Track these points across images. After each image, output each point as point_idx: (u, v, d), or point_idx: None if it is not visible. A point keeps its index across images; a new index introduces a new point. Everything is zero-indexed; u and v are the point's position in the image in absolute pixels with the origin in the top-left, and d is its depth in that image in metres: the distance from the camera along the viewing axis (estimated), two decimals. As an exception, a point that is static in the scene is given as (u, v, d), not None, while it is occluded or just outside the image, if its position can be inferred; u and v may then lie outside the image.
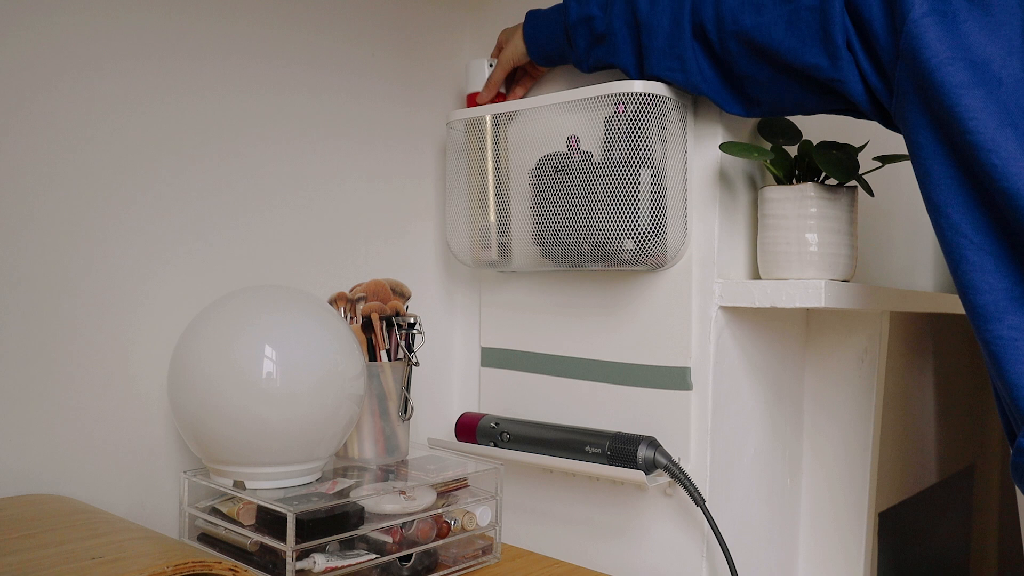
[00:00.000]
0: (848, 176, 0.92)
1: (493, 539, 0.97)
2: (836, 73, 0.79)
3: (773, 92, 0.86)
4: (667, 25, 0.89)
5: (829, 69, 0.79)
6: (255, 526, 0.83)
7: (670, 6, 0.89)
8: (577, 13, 0.96)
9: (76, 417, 0.88)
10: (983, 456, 1.75)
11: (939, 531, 1.60)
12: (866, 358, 1.05)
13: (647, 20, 0.89)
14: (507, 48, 1.07)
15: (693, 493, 0.92)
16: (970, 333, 1.56)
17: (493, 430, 1.06)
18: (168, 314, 0.94)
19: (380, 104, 1.15)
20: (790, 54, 0.81)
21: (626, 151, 0.92)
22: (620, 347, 1.01)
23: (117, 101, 0.90)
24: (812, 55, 0.80)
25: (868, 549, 1.05)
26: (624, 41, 0.93)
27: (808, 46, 0.80)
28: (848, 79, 0.78)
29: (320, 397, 0.85)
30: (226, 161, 0.99)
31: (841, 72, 0.79)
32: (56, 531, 0.71)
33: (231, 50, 0.99)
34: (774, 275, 0.95)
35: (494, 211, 1.06)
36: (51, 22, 0.85)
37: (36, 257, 0.85)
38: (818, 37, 0.79)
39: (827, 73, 0.79)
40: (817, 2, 0.79)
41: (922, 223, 1.62)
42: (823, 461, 1.09)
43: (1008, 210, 0.65)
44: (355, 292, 1.01)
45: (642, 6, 0.90)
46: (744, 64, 0.85)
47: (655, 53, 0.90)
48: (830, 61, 0.79)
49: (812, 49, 0.80)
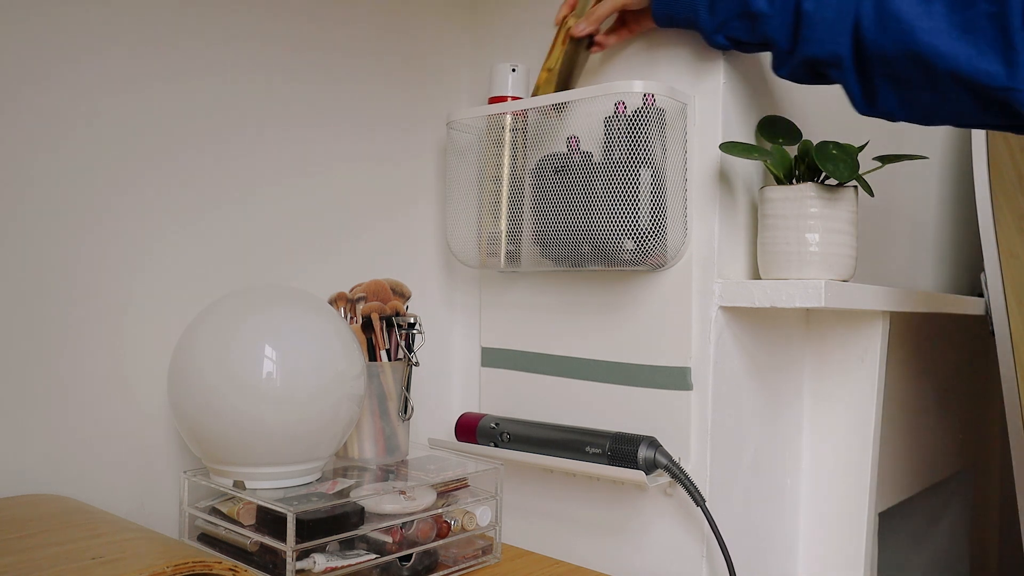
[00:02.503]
0: (848, 176, 0.92)
1: (493, 539, 0.97)
2: (1012, 81, 0.75)
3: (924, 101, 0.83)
4: (830, 19, 0.85)
5: (1005, 77, 0.76)
6: (255, 526, 0.83)
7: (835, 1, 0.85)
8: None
9: (76, 417, 0.88)
10: (983, 456, 1.76)
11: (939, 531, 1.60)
12: (866, 358, 1.05)
13: (811, 11, 0.86)
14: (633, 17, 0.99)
15: (693, 493, 0.92)
16: (970, 333, 1.57)
17: (493, 430, 1.06)
18: (168, 313, 0.94)
19: (381, 104, 1.15)
20: (963, 60, 0.77)
21: (626, 151, 0.92)
22: (620, 347, 1.01)
23: (109, 92, 0.89)
24: (987, 62, 0.76)
25: (868, 549, 1.05)
26: (783, 25, 0.88)
27: (984, 54, 0.76)
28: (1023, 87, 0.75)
29: (320, 397, 0.85)
30: (227, 160, 0.99)
31: (1017, 80, 0.75)
32: (56, 531, 0.71)
33: (226, 39, 0.99)
34: (774, 275, 0.95)
35: (499, 213, 1.06)
36: (40, 12, 0.85)
37: (35, 256, 0.85)
38: (997, 43, 0.76)
39: (1001, 82, 0.76)
40: (996, 8, 0.76)
41: (922, 223, 1.62)
42: (823, 461, 1.09)
43: None
44: (355, 292, 1.01)
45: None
46: (900, 67, 0.82)
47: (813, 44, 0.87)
48: (1007, 69, 0.75)
49: (988, 56, 0.76)
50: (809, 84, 0.93)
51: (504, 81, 1.09)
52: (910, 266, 1.56)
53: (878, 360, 1.04)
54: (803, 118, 1.07)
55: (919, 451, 1.37)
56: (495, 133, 1.06)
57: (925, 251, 1.62)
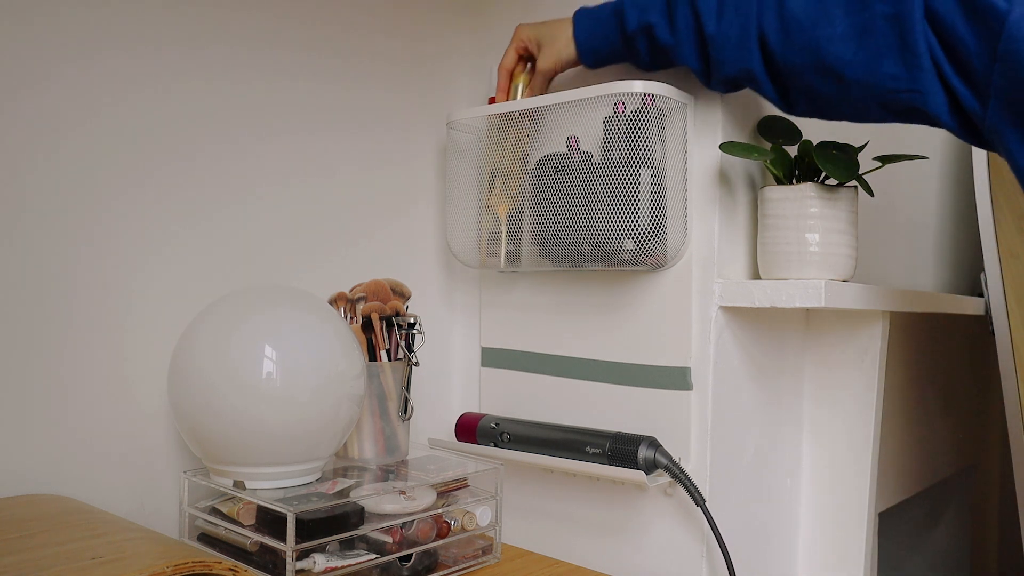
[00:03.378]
0: (848, 176, 0.92)
1: (493, 539, 0.97)
2: (914, 83, 0.75)
3: (836, 104, 0.83)
4: (735, 39, 0.86)
5: (906, 80, 0.75)
6: (255, 526, 0.83)
7: (737, 19, 0.85)
8: (637, 21, 0.92)
9: (76, 417, 0.87)
10: (983, 456, 1.76)
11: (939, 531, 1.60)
12: (866, 358, 1.05)
13: (714, 34, 0.87)
14: (549, 51, 1.01)
15: (693, 493, 0.92)
16: (970, 333, 1.57)
17: (493, 430, 1.06)
18: (168, 312, 0.93)
19: (381, 105, 1.15)
20: (863, 66, 0.77)
21: (626, 151, 0.92)
22: (620, 347, 1.01)
23: (111, 93, 0.90)
24: (888, 65, 0.76)
25: (868, 549, 1.05)
26: (691, 51, 0.90)
27: (884, 56, 0.76)
28: (928, 90, 0.75)
29: (320, 397, 0.85)
30: (227, 161, 0.99)
31: (920, 83, 0.75)
32: (56, 531, 0.71)
33: (225, 40, 0.99)
34: (774, 275, 0.95)
35: (501, 213, 1.06)
36: (40, 13, 0.85)
37: (36, 256, 0.85)
38: (895, 47, 0.75)
39: (904, 84, 0.76)
40: (892, 9, 0.75)
41: (922, 223, 1.62)
42: (823, 461, 1.09)
43: None
44: (355, 292, 1.01)
45: (708, 21, 0.87)
46: (810, 77, 0.82)
47: (725, 64, 0.87)
48: (908, 71, 0.75)
49: (888, 59, 0.76)
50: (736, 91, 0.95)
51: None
52: (910, 266, 1.56)
53: (878, 360, 1.04)
54: (803, 118, 1.07)
55: (919, 451, 1.37)
56: (495, 133, 1.06)
57: (925, 251, 1.62)
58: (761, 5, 0.84)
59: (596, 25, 0.97)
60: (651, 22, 0.91)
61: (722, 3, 0.86)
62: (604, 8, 0.97)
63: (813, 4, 0.80)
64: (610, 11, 0.96)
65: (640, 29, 0.92)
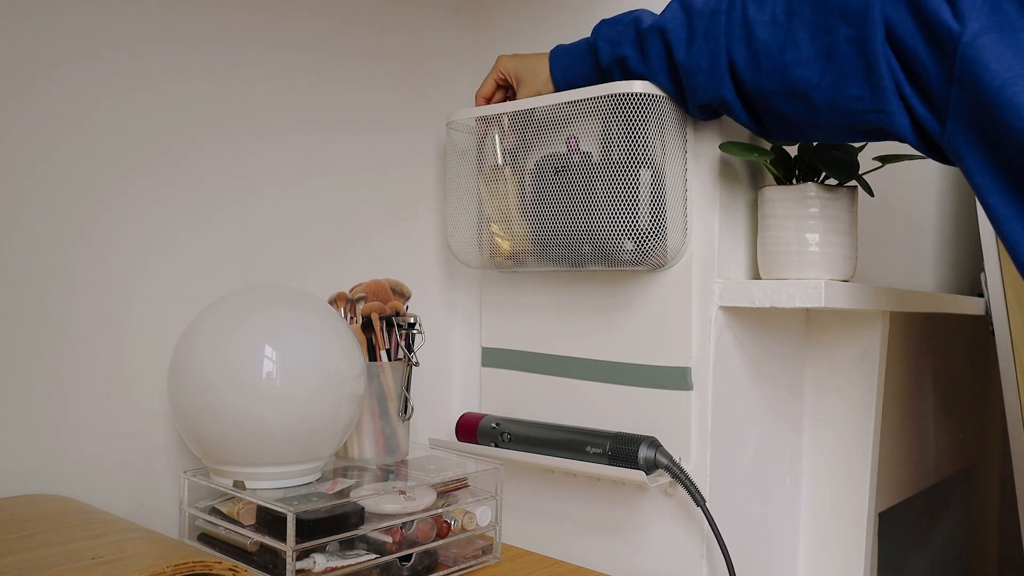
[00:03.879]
0: (848, 176, 0.92)
1: (493, 539, 0.97)
2: (879, 104, 0.76)
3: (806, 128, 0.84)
4: (706, 68, 0.86)
5: (871, 100, 0.76)
6: (255, 526, 0.83)
7: (706, 47, 0.86)
8: (610, 55, 0.94)
9: (76, 417, 0.87)
10: (983, 456, 1.76)
11: (939, 531, 1.60)
12: (866, 358, 1.05)
13: (685, 63, 0.88)
14: (528, 87, 1.03)
15: (693, 493, 0.92)
16: (970, 333, 1.57)
17: (494, 430, 1.06)
18: (168, 312, 0.93)
19: (382, 105, 1.15)
20: (829, 89, 0.78)
21: (625, 151, 0.92)
22: (620, 347, 1.01)
23: (111, 93, 0.90)
24: (853, 87, 0.77)
25: (868, 549, 1.05)
26: (665, 81, 0.91)
27: (849, 79, 0.77)
28: (892, 110, 0.75)
29: (320, 397, 0.85)
30: (227, 161, 0.99)
31: (884, 103, 0.75)
32: (56, 531, 0.71)
33: (226, 41, 0.99)
34: (774, 275, 0.95)
35: (501, 213, 1.06)
36: (43, 12, 0.85)
37: (36, 256, 0.85)
38: (859, 68, 0.76)
39: (869, 104, 0.77)
40: (856, 33, 0.76)
41: (922, 223, 1.62)
42: (823, 461, 1.09)
43: None
44: (355, 292, 1.01)
45: (678, 50, 0.88)
46: (780, 102, 0.83)
47: (698, 92, 0.88)
48: (872, 92, 0.76)
49: (853, 82, 0.77)
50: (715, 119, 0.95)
51: (504, 81, 1.08)
52: (910, 266, 1.56)
53: (878, 360, 1.04)
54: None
55: (919, 451, 1.37)
56: (495, 133, 1.06)
57: (925, 251, 1.62)
58: (729, 34, 0.85)
59: (572, 61, 0.99)
60: (624, 55, 0.92)
61: (691, 32, 0.87)
62: (579, 45, 0.98)
63: (780, 30, 0.81)
64: (584, 47, 0.97)
65: (614, 62, 0.94)
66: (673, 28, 0.88)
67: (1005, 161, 0.68)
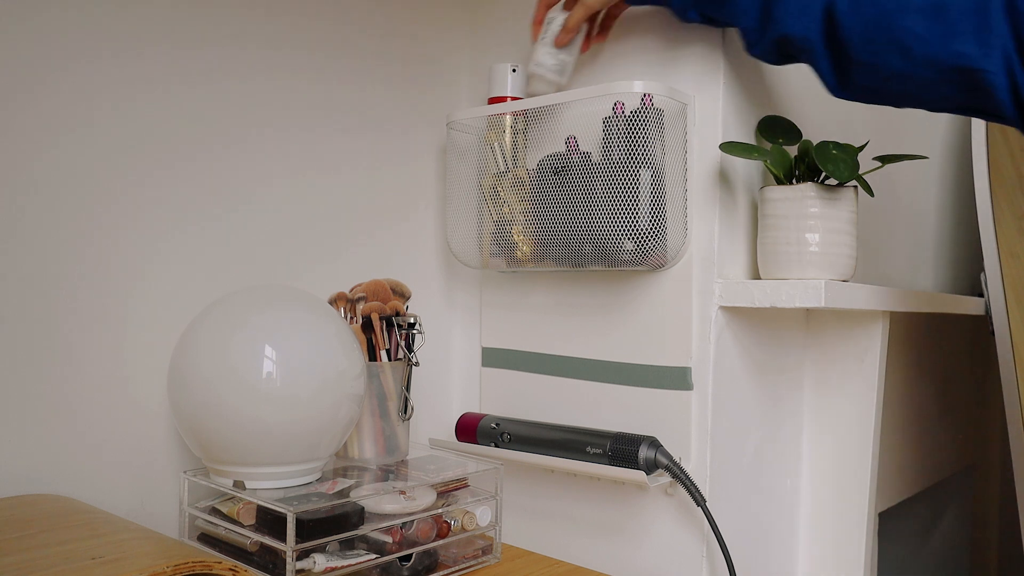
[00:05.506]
0: (848, 176, 0.92)
1: (493, 539, 0.97)
2: (984, 63, 0.73)
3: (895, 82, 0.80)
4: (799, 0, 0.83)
5: (979, 58, 0.74)
6: (255, 526, 0.83)
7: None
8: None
9: (76, 417, 0.87)
10: (983, 456, 1.76)
11: (939, 531, 1.60)
12: (866, 358, 1.05)
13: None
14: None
15: (694, 493, 0.92)
16: (970, 333, 1.57)
17: (494, 431, 1.06)
18: (168, 312, 0.94)
19: (382, 105, 1.15)
20: (936, 42, 0.75)
21: (625, 151, 0.92)
22: (621, 347, 1.01)
23: (111, 94, 0.90)
24: (961, 43, 0.74)
25: (868, 549, 1.05)
26: (750, 2, 0.87)
27: (958, 34, 0.74)
28: (995, 70, 0.73)
29: (320, 397, 0.85)
30: (227, 161, 0.99)
31: (991, 62, 0.73)
32: (56, 531, 0.71)
33: (226, 41, 0.99)
34: (774, 275, 0.95)
35: (503, 213, 1.06)
36: (41, 15, 0.85)
37: (34, 256, 0.85)
38: (972, 26, 0.74)
39: (974, 63, 0.74)
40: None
41: (922, 223, 1.62)
42: (823, 461, 1.09)
43: None
44: (355, 292, 1.01)
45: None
46: (875, 51, 0.79)
47: (781, 26, 0.84)
48: (980, 50, 0.73)
49: (961, 37, 0.74)
50: (781, 65, 0.91)
51: (504, 81, 1.08)
52: (910, 266, 1.56)
53: (878, 360, 1.04)
54: (803, 118, 1.07)
55: (919, 451, 1.37)
56: (495, 133, 1.06)
57: (925, 251, 1.62)
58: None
59: None
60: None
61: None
62: None
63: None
64: None
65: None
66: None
67: None
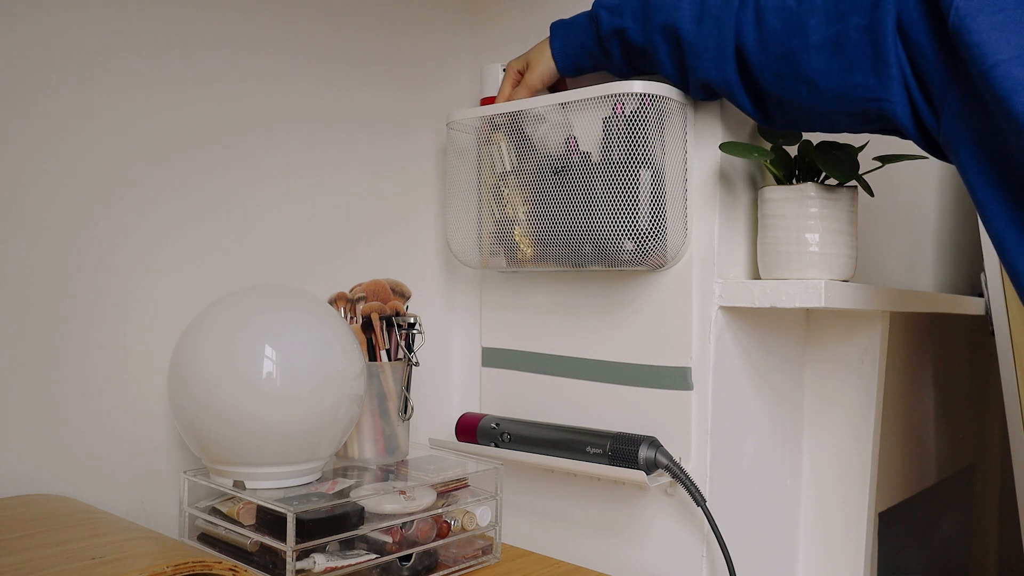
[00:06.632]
0: (848, 176, 0.92)
1: (493, 539, 0.97)
2: (883, 93, 0.76)
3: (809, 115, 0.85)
4: (713, 47, 0.87)
5: (876, 89, 0.77)
6: (255, 526, 0.83)
7: (715, 28, 0.86)
8: (610, 24, 0.93)
9: (76, 417, 0.88)
10: (983, 456, 1.76)
11: (939, 531, 1.60)
12: (866, 358, 1.05)
13: (692, 41, 0.87)
14: (533, 72, 1.02)
15: (694, 493, 0.92)
16: (970, 333, 1.57)
17: (494, 431, 1.06)
18: (168, 313, 0.94)
19: (382, 106, 1.15)
20: (837, 75, 0.79)
21: (625, 151, 0.92)
22: (620, 347, 1.01)
23: (113, 96, 0.90)
24: (860, 75, 0.77)
25: (868, 549, 1.05)
26: (665, 56, 0.91)
27: (856, 66, 0.78)
28: (895, 100, 0.76)
29: (320, 397, 0.85)
30: (227, 162, 0.99)
31: (889, 92, 0.76)
32: (56, 531, 0.71)
33: (226, 43, 0.99)
34: (774, 275, 0.95)
35: (502, 214, 1.06)
36: (43, 19, 0.85)
37: (34, 256, 0.85)
38: (867, 56, 0.77)
39: (874, 93, 0.77)
40: (867, 21, 0.76)
41: (922, 223, 1.62)
42: (823, 461, 1.09)
43: None
44: (355, 292, 1.01)
45: (686, 27, 0.88)
46: (786, 87, 0.83)
47: (700, 70, 0.88)
48: (878, 80, 0.77)
49: (860, 68, 0.77)
50: (714, 101, 0.95)
51: (495, 81, 1.09)
52: (910, 266, 1.56)
53: (878, 360, 1.04)
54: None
55: (919, 451, 1.37)
56: (494, 133, 1.06)
57: (925, 251, 1.62)
58: (740, 16, 0.85)
59: (572, 33, 0.99)
60: (624, 26, 0.92)
61: (703, 11, 0.87)
62: (580, 17, 0.98)
63: (791, 16, 0.82)
64: (585, 18, 0.97)
65: (613, 32, 0.93)
66: (682, 4, 0.88)
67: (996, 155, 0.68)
